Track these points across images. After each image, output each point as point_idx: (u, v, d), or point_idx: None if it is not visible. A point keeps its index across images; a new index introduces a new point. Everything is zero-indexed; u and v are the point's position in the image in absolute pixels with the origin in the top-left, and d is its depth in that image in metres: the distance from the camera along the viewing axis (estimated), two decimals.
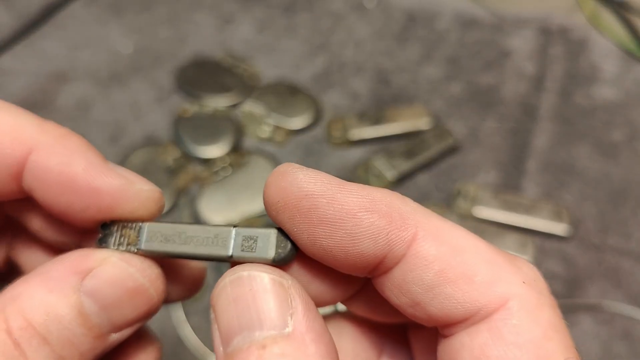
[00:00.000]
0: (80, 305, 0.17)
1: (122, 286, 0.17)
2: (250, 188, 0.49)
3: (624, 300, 0.43)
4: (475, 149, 0.52)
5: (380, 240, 0.16)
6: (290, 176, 0.16)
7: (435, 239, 0.16)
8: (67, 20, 0.63)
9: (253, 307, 0.15)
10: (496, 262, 0.16)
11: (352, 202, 0.16)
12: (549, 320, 0.15)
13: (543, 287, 0.16)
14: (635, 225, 0.47)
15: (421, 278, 0.15)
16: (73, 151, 0.18)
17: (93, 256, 0.18)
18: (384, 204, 0.16)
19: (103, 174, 0.18)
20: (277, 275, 0.16)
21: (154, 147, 0.51)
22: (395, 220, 0.16)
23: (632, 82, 0.56)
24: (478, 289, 0.15)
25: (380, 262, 0.16)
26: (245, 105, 0.54)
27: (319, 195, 0.16)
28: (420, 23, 0.62)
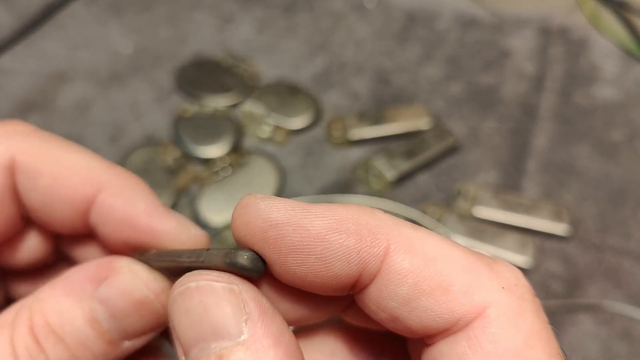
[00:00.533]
0: (92, 311, 0.18)
1: (129, 297, 0.18)
2: (250, 188, 0.49)
3: (624, 300, 0.43)
4: (475, 149, 0.52)
5: (352, 259, 0.15)
6: (253, 208, 0.16)
7: (407, 251, 0.15)
8: (67, 20, 0.63)
9: (205, 318, 0.15)
10: (473, 268, 0.15)
11: (319, 226, 0.15)
12: (531, 326, 0.15)
13: (525, 291, 0.16)
14: (635, 225, 0.47)
15: (396, 292, 0.15)
16: (136, 194, 0.20)
17: (110, 265, 0.19)
18: (352, 222, 0.15)
19: (162, 217, 0.20)
20: (226, 282, 0.15)
21: (153, 147, 0.51)
22: (364, 237, 0.15)
23: (632, 82, 0.56)
24: (455, 299, 0.15)
25: (356, 281, 0.16)
26: (245, 105, 0.54)
27: (284, 224, 0.15)
28: (420, 23, 0.62)
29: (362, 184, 0.50)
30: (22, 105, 0.55)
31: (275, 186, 0.49)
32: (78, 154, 0.21)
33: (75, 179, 0.20)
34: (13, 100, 0.55)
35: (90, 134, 0.53)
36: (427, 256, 0.15)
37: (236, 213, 0.16)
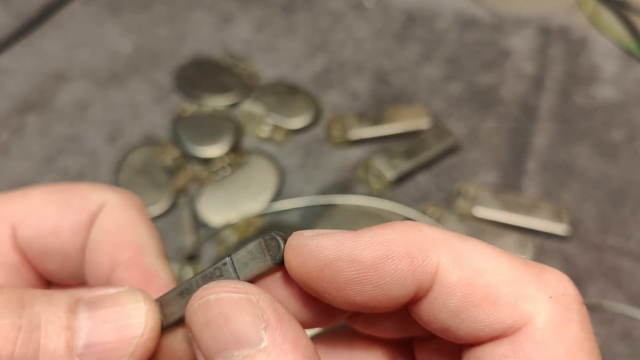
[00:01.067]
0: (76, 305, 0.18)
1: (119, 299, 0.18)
2: (250, 188, 0.49)
3: (624, 300, 0.43)
4: (475, 149, 0.52)
5: (408, 282, 0.16)
6: (304, 249, 0.16)
7: (456, 265, 0.16)
8: (66, 20, 0.63)
9: (226, 328, 0.15)
10: (520, 278, 0.16)
11: (370, 255, 0.16)
12: (575, 337, 0.15)
13: (572, 301, 0.16)
14: (635, 225, 0.47)
15: (446, 305, 0.16)
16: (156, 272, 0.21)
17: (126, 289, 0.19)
18: (401, 245, 0.16)
19: None
20: (244, 293, 0.16)
21: (152, 146, 0.51)
22: (416, 257, 0.16)
23: (632, 82, 0.56)
24: (503, 310, 0.15)
25: (413, 298, 0.16)
26: (245, 105, 0.54)
27: (337, 260, 0.16)
28: (419, 23, 0.62)
29: (361, 184, 0.50)
30: (21, 105, 0.55)
31: (274, 186, 0.49)
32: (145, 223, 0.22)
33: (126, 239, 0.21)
34: (11, 100, 0.55)
35: (89, 133, 0.53)
36: (475, 269, 0.16)
37: (289, 255, 0.17)
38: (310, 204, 0.49)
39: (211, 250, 0.46)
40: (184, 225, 0.47)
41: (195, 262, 0.45)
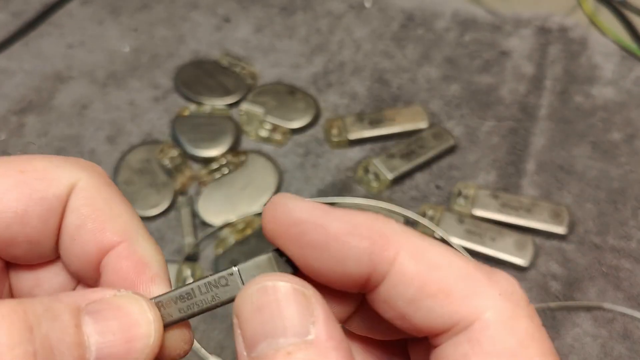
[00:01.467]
0: (80, 318, 0.17)
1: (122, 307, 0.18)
2: (249, 188, 0.49)
3: (624, 300, 0.43)
4: (474, 149, 0.52)
5: (364, 260, 0.17)
6: (281, 206, 0.18)
7: (414, 257, 0.17)
8: (64, 20, 0.63)
9: (278, 315, 0.16)
10: (473, 276, 0.17)
11: (336, 227, 0.17)
12: (525, 329, 0.16)
13: (520, 299, 0.17)
14: (635, 225, 0.47)
15: (403, 293, 0.17)
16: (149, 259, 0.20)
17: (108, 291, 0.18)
18: (366, 227, 0.17)
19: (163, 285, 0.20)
20: (300, 286, 0.17)
21: (152, 146, 0.51)
22: (376, 241, 0.17)
23: (632, 82, 0.56)
24: (455, 302, 0.16)
25: (367, 280, 0.17)
26: (244, 105, 0.54)
27: (306, 222, 0.17)
28: (418, 23, 0.62)
29: (360, 184, 0.50)
30: (20, 105, 0.55)
31: (273, 186, 0.49)
32: (122, 203, 0.21)
33: (109, 224, 0.20)
34: (10, 100, 0.55)
35: (88, 133, 0.53)
36: (431, 263, 0.17)
37: (267, 208, 0.18)
38: None
39: (210, 250, 0.46)
40: (183, 225, 0.47)
41: (194, 262, 0.45)
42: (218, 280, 0.19)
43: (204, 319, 0.43)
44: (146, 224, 0.47)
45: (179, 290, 0.19)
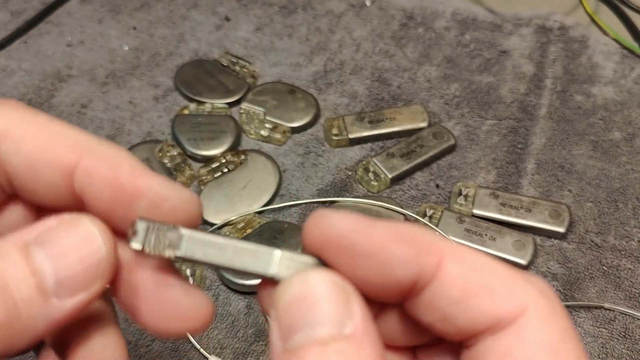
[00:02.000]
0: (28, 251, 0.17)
1: (71, 234, 0.18)
2: (249, 187, 0.49)
3: (624, 300, 0.43)
4: (474, 149, 0.52)
5: (412, 266, 0.17)
6: (325, 219, 0.18)
7: (457, 261, 0.18)
8: (64, 18, 0.63)
9: (317, 307, 0.17)
10: (512, 276, 0.18)
11: (382, 236, 0.18)
12: (563, 325, 0.17)
13: (554, 298, 0.18)
14: (636, 225, 0.47)
15: (448, 295, 0.17)
16: (120, 157, 0.20)
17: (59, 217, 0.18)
18: (409, 235, 0.18)
19: (147, 176, 0.20)
20: (339, 281, 0.17)
21: (151, 146, 0.51)
22: (421, 248, 0.18)
23: (632, 81, 0.56)
24: (499, 300, 0.17)
25: (412, 286, 0.18)
26: (244, 104, 0.54)
27: (354, 233, 0.18)
28: (419, 22, 0.62)
29: (360, 183, 0.50)
30: None
31: (274, 185, 0.49)
32: (62, 124, 0.21)
33: (59, 144, 0.20)
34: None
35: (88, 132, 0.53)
36: (473, 266, 0.18)
37: (311, 222, 0.18)
38: (309, 203, 0.49)
39: None
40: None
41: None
42: (256, 251, 0.19)
43: None
44: None
45: (214, 238, 0.19)
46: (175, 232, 0.19)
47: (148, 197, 0.19)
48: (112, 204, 0.19)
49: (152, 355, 0.41)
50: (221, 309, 0.43)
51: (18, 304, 0.17)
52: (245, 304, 0.43)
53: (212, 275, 0.45)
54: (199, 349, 0.41)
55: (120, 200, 0.19)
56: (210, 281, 0.45)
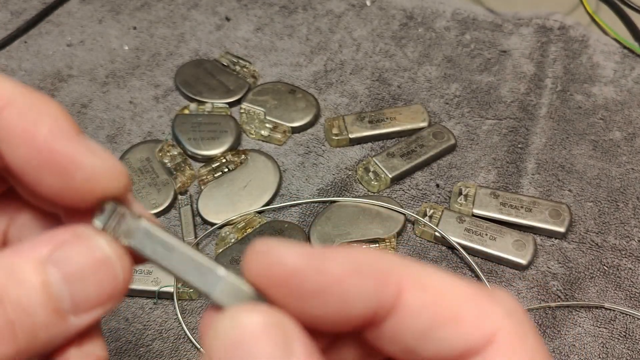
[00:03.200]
0: (45, 273, 0.17)
1: (87, 256, 0.17)
2: (249, 186, 0.49)
3: (624, 300, 0.43)
4: (474, 148, 0.52)
5: (369, 300, 0.16)
6: (270, 254, 0.16)
7: (419, 288, 0.16)
8: (64, 18, 0.63)
9: (250, 353, 0.15)
10: (478, 299, 0.16)
11: (338, 270, 0.16)
12: (534, 346, 0.16)
13: (522, 316, 0.17)
14: (636, 225, 0.47)
15: (411, 327, 0.16)
16: (44, 114, 0.18)
17: (72, 230, 0.17)
18: (365, 266, 0.16)
19: (66, 139, 0.17)
20: (275, 318, 0.15)
21: (152, 145, 0.51)
22: (380, 278, 0.16)
23: (633, 81, 0.56)
24: (466, 329, 0.16)
25: (371, 319, 0.16)
26: (244, 104, 0.54)
27: (306, 268, 0.16)
28: (419, 22, 0.62)
29: (360, 183, 0.50)
30: None
31: (274, 185, 0.49)
32: None
33: None
34: None
35: (89, 132, 0.53)
36: (437, 291, 0.16)
37: (251, 259, 0.16)
38: (310, 203, 0.49)
39: (211, 248, 0.46)
40: (183, 224, 0.47)
41: None
42: (200, 265, 0.17)
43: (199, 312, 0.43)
44: None
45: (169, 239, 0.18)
46: (135, 222, 0.18)
47: (61, 163, 0.17)
48: (27, 164, 0.18)
49: (152, 355, 0.41)
50: None
51: (37, 327, 0.16)
52: None
53: None
54: (199, 349, 0.41)
55: (34, 162, 0.17)
56: None
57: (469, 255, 0.45)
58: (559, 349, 0.41)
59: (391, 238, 0.45)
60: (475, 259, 0.45)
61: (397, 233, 0.46)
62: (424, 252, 0.46)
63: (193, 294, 0.43)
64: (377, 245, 0.45)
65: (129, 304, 0.43)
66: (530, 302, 0.43)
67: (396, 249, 0.46)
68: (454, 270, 0.45)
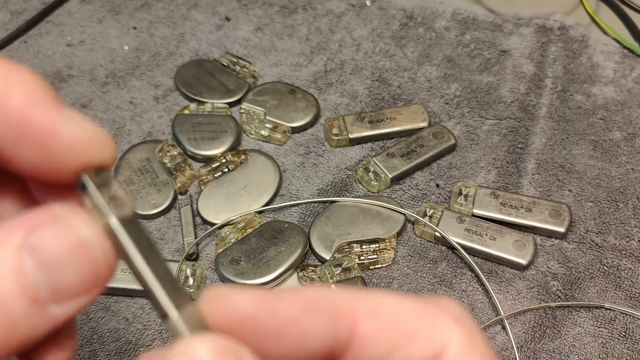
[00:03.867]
0: (19, 261, 0.15)
1: (64, 240, 0.16)
2: (249, 186, 0.49)
3: (624, 300, 0.43)
4: (474, 148, 0.52)
5: (328, 335, 0.16)
6: (224, 301, 0.16)
7: (372, 316, 0.17)
8: (64, 18, 0.63)
9: None
10: (427, 312, 0.17)
11: (291, 310, 0.16)
12: (481, 349, 0.18)
13: (469, 321, 0.18)
14: (636, 225, 0.47)
15: (371, 353, 0.17)
16: (16, 82, 0.16)
17: (48, 211, 0.16)
18: (320, 301, 0.17)
19: (41, 107, 0.16)
20: (233, 347, 0.15)
21: (152, 146, 0.51)
22: (333, 312, 0.17)
23: (633, 81, 0.56)
24: (422, 344, 0.17)
25: (329, 354, 0.17)
26: (244, 104, 0.54)
27: (259, 312, 0.16)
28: (419, 22, 0.62)
29: (360, 183, 0.50)
30: None
31: (274, 185, 0.49)
32: None
33: None
34: None
35: None
36: (388, 314, 0.17)
37: (206, 305, 0.16)
38: (310, 203, 0.49)
39: (210, 249, 0.46)
40: (183, 225, 0.47)
41: (195, 261, 0.45)
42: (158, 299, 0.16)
43: None
44: (146, 223, 0.47)
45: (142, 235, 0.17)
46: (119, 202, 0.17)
47: (37, 134, 0.16)
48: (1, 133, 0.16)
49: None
50: None
51: (14, 318, 0.15)
52: None
53: (213, 275, 0.45)
54: None
55: (9, 135, 0.16)
56: (211, 281, 0.45)
57: (469, 255, 0.45)
58: (559, 349, 0.41)
59: (391, 238, 0.45)
60: (475, 259, 0.45)
61: (397, 233, 0.46)
62: (424, 252, 0.46)
63: (193, 294, 0.43)
64: (377, 245, 0.45)
65: (129, 304, 0.43)
66: (530, 302, 0.43)
67: (396, 249, 0.46)
68: (454, 270, 0.45)
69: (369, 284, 0.44)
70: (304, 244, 0.45)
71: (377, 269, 0.45)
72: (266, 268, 0.44)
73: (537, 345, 0.41)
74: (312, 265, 0.45)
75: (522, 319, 0.42)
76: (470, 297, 0.44)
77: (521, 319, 0.42)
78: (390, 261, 0.45)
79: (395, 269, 0.45)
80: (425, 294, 0.44)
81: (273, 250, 0.44)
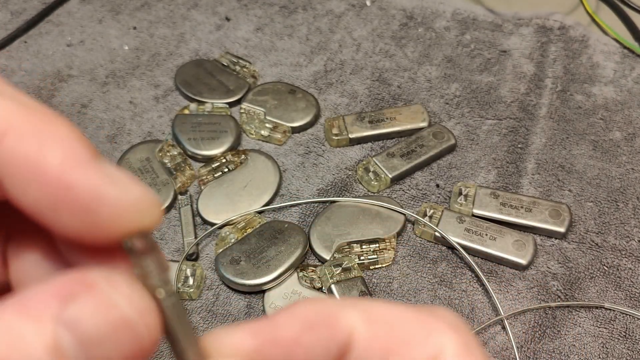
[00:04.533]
0: (56, 337, 0.14)
1: (104, 317, 0.14)
2: (249, 187, 0.49)
3: (624, 300, 0.43)
4: (474, 148, 0.52)
5: (332, 347, 0.16)
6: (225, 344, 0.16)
7: (367, 324, 0.17)
8: (64, 18, 0.63)
9: None
10: (423, 319, 0.17)
11: (292, 332, 0.16)
12: (476, 354, 0.17)
13: (464, 328, 0.18)
14: (636, 225, 0.47)
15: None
16: (53, 139, 0.15)
17: (82, 278, 0.15)
18: (315, 315, 0.17)
19: (84, 169, 0.15)
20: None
21: (152, 146, 0.51)
22: (331, 323, 0.17)
23: (633, 81, 0.56)
24: (418, 351, 0.17)
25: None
26: (244, 104, 0.54)
27: (262, 344, 0.16)
28: (419, 22, 0.62)
29: (360, 183, 0.50)
30: None
31: (274, 185, 0.49)
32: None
33: None
34: None
35: (88, 133, 0.53)
36: (384, 321, 0.17)
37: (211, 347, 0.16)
38: (310, 203, 0.49)
39: (211, 249, 0.46)
40: (183, 225, 0.47)
41: (195, 261, 0.45)
42: None
43: (203, 318, 0.43)
44: None
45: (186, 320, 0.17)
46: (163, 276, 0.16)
47: (81, 200, 0.14)
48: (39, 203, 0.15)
49: (152, 355, 0.41)
50: (222, 308, 0.43)
51: None
52: (245, 304, 0.44)
53: (213, 275, 0.45)
54: None
55: (48, 200, 0.15)
56: (211, 281, 0.45)
57: (469, 255, 0.45)
58: (559, 349, 0.41)
59: (391, 238, 0.45)
60: (475, 259, 0.45)
61: (397, 233, 0.46)
62: (424, 252, 0.46)
63: (193, 294, 0.43)
64: (377, 245, 0.45)
65: None
66: (530, 302, 0.43)
67: (396, 249, 0.46)
68: (454, 270, 0.45)
69: (369, 284, 0.44)
70: (304, 244, 0.45)
71: (377, 269, 0.45)
72: (266, 268, 0.44)
73: (537, 345, 0.41)
74: (312, 265, 0.45)
75: (522, 319, 0.42)
76: (470, 297, 0.44)
77: (521, 319, 0.43)
78: (390, 261, 0.45)
79: (395, 269, 0.45)
80: (425, 294, 0.44)
81: (273, 250, 0.44)
